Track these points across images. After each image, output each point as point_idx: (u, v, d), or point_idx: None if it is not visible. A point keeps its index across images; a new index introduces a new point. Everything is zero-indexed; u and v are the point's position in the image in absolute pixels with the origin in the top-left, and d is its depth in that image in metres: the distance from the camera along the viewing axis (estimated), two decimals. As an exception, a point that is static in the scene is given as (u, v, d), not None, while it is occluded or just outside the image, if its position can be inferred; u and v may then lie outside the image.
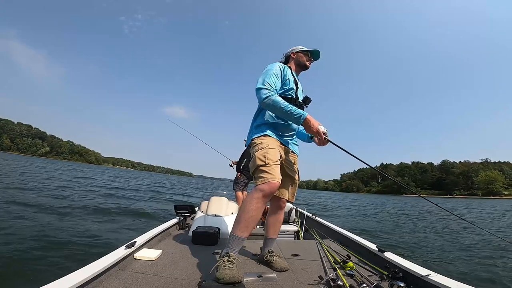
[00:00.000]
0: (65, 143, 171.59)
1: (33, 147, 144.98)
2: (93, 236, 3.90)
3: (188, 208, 3.07)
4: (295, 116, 1.67)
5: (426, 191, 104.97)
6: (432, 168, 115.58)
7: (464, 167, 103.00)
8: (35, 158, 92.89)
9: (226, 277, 1.34)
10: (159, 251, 1.87)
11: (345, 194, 74.84)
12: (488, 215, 13.85)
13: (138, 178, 34.90)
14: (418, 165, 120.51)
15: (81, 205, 6.31)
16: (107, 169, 78.37)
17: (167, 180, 45.29)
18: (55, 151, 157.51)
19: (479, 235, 6.51)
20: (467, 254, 4.68)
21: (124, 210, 6.52)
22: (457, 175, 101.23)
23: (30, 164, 29.19)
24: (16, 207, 5.22)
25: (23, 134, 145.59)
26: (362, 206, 19.02)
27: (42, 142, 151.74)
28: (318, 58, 2.10)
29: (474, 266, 3.94)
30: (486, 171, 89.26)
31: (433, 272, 1.47)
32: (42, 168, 25.13)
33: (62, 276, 1.21)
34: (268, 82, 1.75)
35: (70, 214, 5.26)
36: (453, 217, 10.21)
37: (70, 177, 16.65)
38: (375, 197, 58.37)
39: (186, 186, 28.57)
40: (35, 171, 18.14)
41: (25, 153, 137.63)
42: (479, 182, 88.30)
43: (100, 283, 1.33)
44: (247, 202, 1.58)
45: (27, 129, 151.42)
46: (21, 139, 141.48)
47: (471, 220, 4.48)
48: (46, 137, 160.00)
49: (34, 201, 6.18)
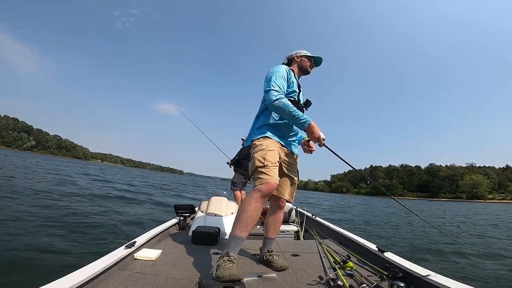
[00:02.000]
0: (52, 137, 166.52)
1: (19, 141, 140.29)
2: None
3: (188, 208, 3.06)
4: (300, 121, 1.70)
5: (412, 193, 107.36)
6: (419, 171, 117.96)
7: (450, 171, 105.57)
8: (20, 152, 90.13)
9: (226, 275, 1.35)
10: (159, 251, 1.86)
11: (334, 195, 76.01)
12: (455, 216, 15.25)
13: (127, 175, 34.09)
14: (406, 168, 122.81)
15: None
16: (93, 165, 76.77)
17: (160, 177, 44.51)
18: (41, 145, 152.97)
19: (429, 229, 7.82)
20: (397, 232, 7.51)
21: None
22: (443, 178, 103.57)
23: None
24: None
25: (9, 127, 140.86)
26: (344, 204, 21.30)
27: (28, 136, 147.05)
28: (319, 65, 2.14)
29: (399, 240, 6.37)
30: (471, 175, 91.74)
31: (433, 272, 1.49)
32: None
33: (62, 276, 1.19)
34: (277, 84, 1.77)
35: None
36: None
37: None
38: (362, 198, 59.65)
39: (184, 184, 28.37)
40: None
41: (10, 147, 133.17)
42: (464, 185, 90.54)
43: (100, 283, 1.32)
44: (245, 202, 1.61)
45: (14, 122, 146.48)
46: (6, 132, 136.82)
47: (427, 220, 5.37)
48: (32, 130, 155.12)
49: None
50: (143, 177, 34.25)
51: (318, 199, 28.41)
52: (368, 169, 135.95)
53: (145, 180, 26.36)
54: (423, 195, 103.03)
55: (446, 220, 12.37)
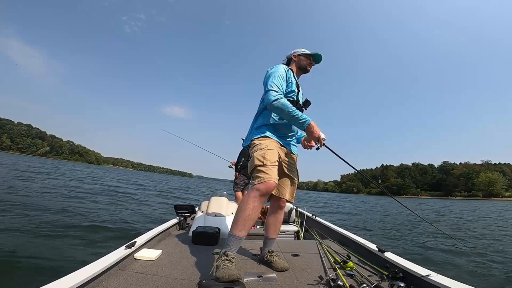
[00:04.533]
0: (65, 143, 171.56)
1: (33, 147, 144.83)
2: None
3: (188, 208, 3.06)
4: (300, 121, 1.70)
5: (426, 192, 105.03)
6: (432, 170, 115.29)
7: (464, 168, 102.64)
8: (36, 158, 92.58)
9: (225, 275, 1.35)
10: (159, 251, 1.87)
11: (344, 195, 74.80)
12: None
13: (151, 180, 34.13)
14: (418, 166, 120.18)
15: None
16: (109, 170, 78.02)
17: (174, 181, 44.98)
18: (55, 151, 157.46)
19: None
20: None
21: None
22: (457, 176, 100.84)
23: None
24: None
25: (23, 133, 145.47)
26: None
27: (42, 142, 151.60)
28: (320, 62, 2.11)
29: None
30: (487, 173, 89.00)
31: (433, 272, 1.47)
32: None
33: (62, 276, 1.20)
34: (276, 84, 1.77)
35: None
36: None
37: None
38: (373, 198, 58.33)
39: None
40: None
41: (25, 153, 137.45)
42: (480, 183, 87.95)
43: (100, 283, 1.33)
44: (244, 202, 1.61)
45: (27, 128, 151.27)
46: (21, 139, 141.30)
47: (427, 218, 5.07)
48: (46, 137, 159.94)
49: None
50: (167, 181, 35.62)
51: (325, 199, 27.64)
52: (379, 169, 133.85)
53: (181, 186, 27.32)
54: (437, 194, 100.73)
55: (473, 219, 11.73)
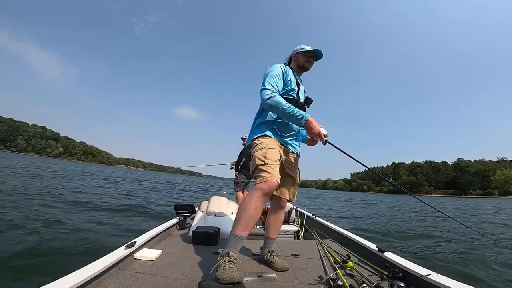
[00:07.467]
0: (78, 144, 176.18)
1: (48, 148, 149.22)
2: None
3: (188, 208, 3.06)
4: (297, 118, 1.68)
5: (440, 191, 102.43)
6: (446, 167, 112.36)
7: (480, 166, 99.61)
8: (50, 159, 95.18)
9: (226, 277, 1.34)
10: (159, 251, 1.87)
11: (354, 194, 73.48)
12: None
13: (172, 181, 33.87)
14: (431, 164, 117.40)
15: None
16: (126, 170, 78.97)
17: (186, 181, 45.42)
18: (68, 152, 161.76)
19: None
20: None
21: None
22: (472, 174, 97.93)
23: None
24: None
25: (38, 135, 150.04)
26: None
27: (56, 143, 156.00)
28: (321, 57, 2.04)
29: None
30: (503, 170, 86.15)
31: (433, 272, 1.44)
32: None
33: (62, 276, 1.21)
34: (270, 83, 1.76)
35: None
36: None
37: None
38: (385, 196, 56.97)
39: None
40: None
41: (40, 154, 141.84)
42: (496, 181, 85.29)
43: (100, 283, 1.33)
44: (246, 201, 1.59)
45: (42, 130, 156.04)
46: (36, 141, 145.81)
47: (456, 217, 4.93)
48: (59, 138, 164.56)
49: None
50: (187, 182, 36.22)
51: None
52: (390, 167, 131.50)
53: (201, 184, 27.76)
54: (451, 192, 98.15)
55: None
